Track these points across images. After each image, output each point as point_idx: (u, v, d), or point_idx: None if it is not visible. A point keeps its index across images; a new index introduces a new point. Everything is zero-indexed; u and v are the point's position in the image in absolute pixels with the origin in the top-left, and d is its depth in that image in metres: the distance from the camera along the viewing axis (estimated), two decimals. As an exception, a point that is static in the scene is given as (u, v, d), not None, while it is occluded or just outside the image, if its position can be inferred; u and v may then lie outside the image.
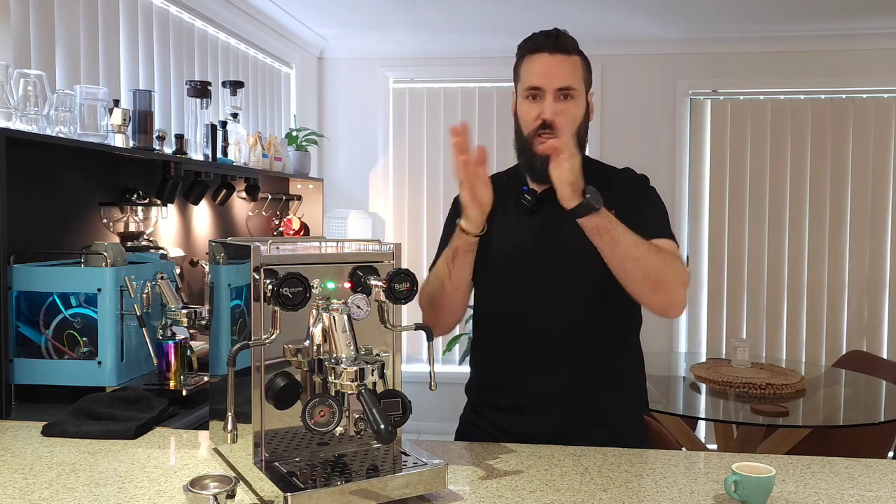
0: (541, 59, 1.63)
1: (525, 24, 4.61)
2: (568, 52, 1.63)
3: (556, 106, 1.61)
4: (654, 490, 1.34)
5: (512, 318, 1.69)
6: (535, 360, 1.66)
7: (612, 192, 1.63)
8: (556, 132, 1.57)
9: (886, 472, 1.45)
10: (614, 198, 1.63)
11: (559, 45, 1.63)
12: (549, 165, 1.49)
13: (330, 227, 4.45)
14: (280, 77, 4.40)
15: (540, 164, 1.58)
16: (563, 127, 1.58)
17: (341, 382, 1.23)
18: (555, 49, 1.63)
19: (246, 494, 1.29)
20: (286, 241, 1.47)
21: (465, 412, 1.83)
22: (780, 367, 3.24)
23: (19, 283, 1.94)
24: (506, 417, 1.70)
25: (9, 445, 1.57)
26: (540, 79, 1.62)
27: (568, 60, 1.63)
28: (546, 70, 1.62)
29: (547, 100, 1.62)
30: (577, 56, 1.65)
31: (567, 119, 1.61)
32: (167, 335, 2.02)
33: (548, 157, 1.51)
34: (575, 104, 1.63)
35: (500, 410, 1.72)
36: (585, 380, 1.66)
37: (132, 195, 2.65)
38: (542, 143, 1.58)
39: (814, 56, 4.53)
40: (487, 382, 1.77)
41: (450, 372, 4.56)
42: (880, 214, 4.57)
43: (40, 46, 2.38)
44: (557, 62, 1.62)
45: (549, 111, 1.60)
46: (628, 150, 4.64)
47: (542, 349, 1.65)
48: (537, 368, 1.66)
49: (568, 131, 1.56)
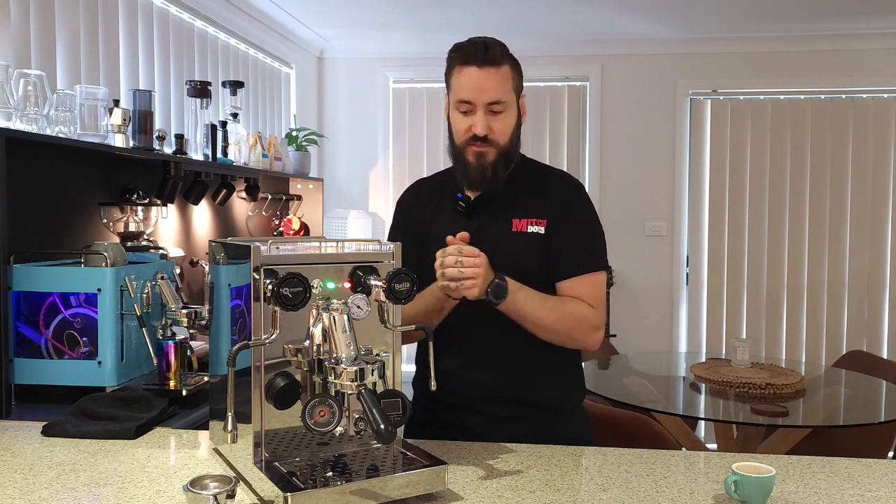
0: (470, 72, 1.65)
1: (524, 25, 4.58)
2: (497, 63, 1.65)
3: (487, 119, 1.66)
4: (654, 490, 1.34)
5: (449, 317, 1.70)
6: (472, 357, 1.71)
7: (546, 200, 1.72)
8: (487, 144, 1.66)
9: (886, 472, 1.45)
10: (547, 207, 1.71)
11: (488, 58, 1.64)
12: (473, 177, 1.68)
13: (330, 227, 4.45)
14: (280, 77, 4.40)
15: (472, 174, 1.70)
16: (497, 139, 1.67)
17: (341, 382, 1.23)
18: (484, 61, 1.64)
19: (246, 494, 1.29)
20: (286, 241, 1.47)
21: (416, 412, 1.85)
22: (780, 367, 3.24)
23: (19, 283, 1.94)
24: (451, 414, 1.73)
25: (9, 445, 1.57)
26: (470, 93, 1.65)
27: (497, 73, 1.65)
28: (476, 84, 1.65)
29: (478, 114, 1.66)
30: (507, 65, 1.67)
31: (498, 132, 1.67)
32: (167, 335, 2.02)
33: (480, 168, 1.67)
34: (505, 115, 1.68)
35: (446, 406, 1.74)
36: (517, 376, 1.70)
37: (132, 195, 2.65)
38: (471, 154, 1.68)
39: (814, 56, 4.53)
40: (438, 379, 1.80)
41: (450, 372, 4.57)
42: (880, 214, 4.57)
43: (40, 46, 2.38)
44: (487, 76, 1.64)
45: (480, 126, 1.66)
46: (628, 150, 4.64)
47: (477, 347, 1.70)
48: (473, 365, 1.71)
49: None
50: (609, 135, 4.69)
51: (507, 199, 1.73)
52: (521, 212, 1.71)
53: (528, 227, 1.70)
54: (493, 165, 1.68)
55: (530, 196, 1.74)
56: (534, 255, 1.69)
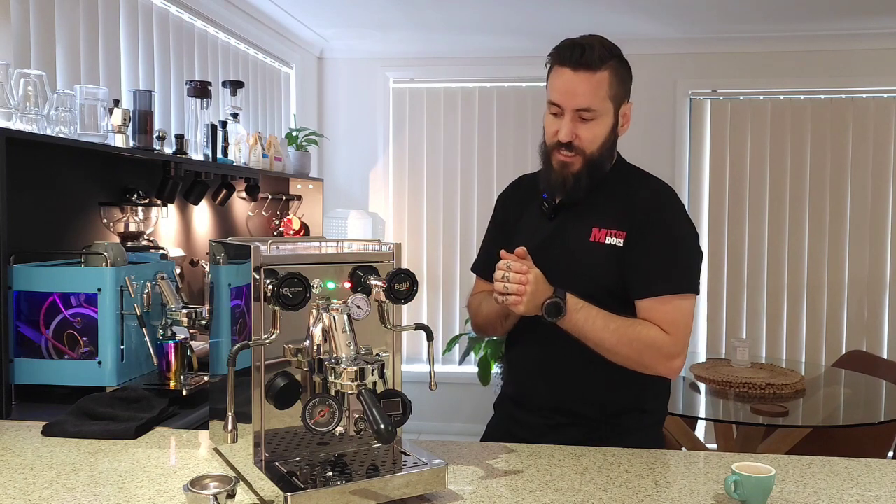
0: (563, 74, 1.59)
1: (525, 25, 4.58)
2: (592, 68, 1.57)
3: (575, 126, 1.60)
4: (654, 490, 1.34)
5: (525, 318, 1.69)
6: (539, 356, 1.71)
7: (629, 210, 1.64)
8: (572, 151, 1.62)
9: (886, 472, 1.45)
10: (629, 218, 1.63)
11: (583, 61, 1.57)
12: (558, 184, 1.63)
13: (330, 227, 4.45)
14: (280, 77, 4.40)
15: (552, 181, 1.65)
16: (584, 147, 1.62)
17: (341, 382, 1.23)
18: (578, 65, 1.57)
19: (246, 494, 1.29)
20: (286, 241, 1.47)
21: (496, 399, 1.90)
22: (780, 367, 3.24)
23: (19, 283, 1.94)
24: (513, 406, 1.76)
25: (9, 445, 1.57)
26: (560, 96, 1.60)
27: (592, 78, 1.57)
28: (567, 88, 1.59)
29: (565, 119, 1.60)
30: (607, 71, 1.59)
31: (585, 140, 1.61)
32: (167, 335, 2.02)
33: (562, 177, 1.62)
34: (596, 124, 1.61)
35: (510, 399, 1.78)
36: (580, 381, 1.67)
37: (132, 195, 2.64)
38: (557, 160, 1.64)
39: (814, 56, 4.52)
40: (506, 372, 1.86)
41: (450, 372, 4.56)
42: (880, 214, 4.57)
43: (40, 46, 2.38)
44: (579, 81, 1.57)
45: (566, 132, 1.60)
46: (628, 150, 4.59)
47: (545, 348, 1.68)
48: (538, 364, 1.71)
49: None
50: (609, 135, 4.67)
51: (591, 205, 1.66)
52: (603, 221, 1.64)
53: (606, 239, 1.62)
54: (576, 175, 1.62)
55: (615, 203, 1.66)
56: (609, 269, 1.62)
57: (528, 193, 1.79)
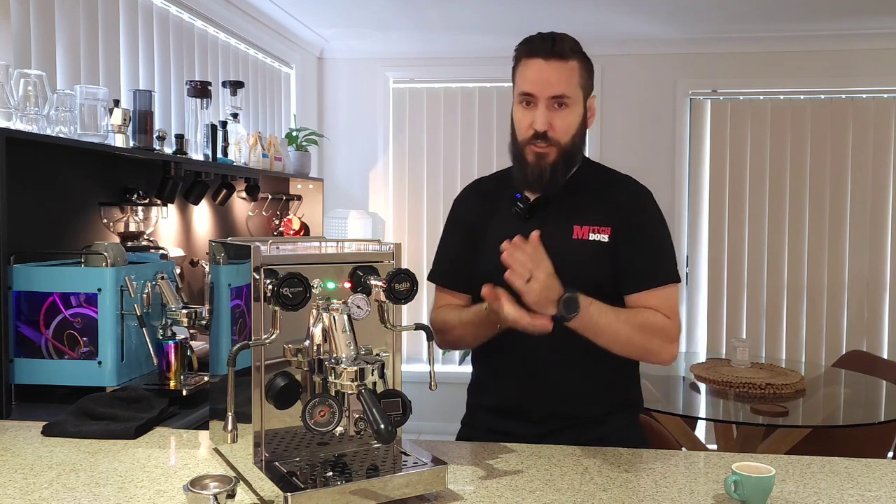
0: (535, 64, 1.59)
1: (525, 25, 4.61)
2: (564, 57, 1.59)
3: (549, 115, 1.59)
4: (654, 490, 1.34)
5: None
6: (525, 363, 1.66)
7: (611, 206, 1.64)
8: (548, 142, 1.60)
9: (886, 472, 1.45)
10: (613, 214, 1.63)
11: (555, 50, 1.58)
12: (535, 177, 1.60)
13: (330, 227, 4.45)
14: (280, 77, 4.40)
15: (529, 174, 1.62)
16: (558, 138, 1.60)
17: (341, 382, 1.23)
18: (550, 54, 1.58)
19: (246, 494, 1.29)
20: (286, 241, 1.47)
21: (465, 414, 1.83)
22: (780, 367, 3.24)
23: (19, 283, 1.94)
24: (495, 419, 1.71)
25: (9, 445, 1.57)
26: (533, 85, 1.59)
27: (564, 67, 1.59)
28: (540, 77, 1.59)
29: (539, 108, 1.59)
30: (576, 61, 1.60)
31: (559, 129, 1.60)
32: (167, 335, 2.02)
33: (539, 169, 1.59)
34: (569, 112, 1.60)
35: (490, 411, 1.73)
36: (572, 384, 1.66)
37: (132, 195, 2.65)
38: (531, 153, 1.61)
39: (814, 56, 4.52)
40: (482, 384, 1.79)
41: (450, 372, 4.56)
42: (880, 214, 4.57)
43: (40, 46, 2.38)
44: (552, 69, 1.58)
45: (541, 121, 1.59)
46: (628, 150, 4.63)
47: (532, 353, 1.64)
48: (527, 372, 1.67)
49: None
50: (609, 135, 4.68)
51: (569, 204, 1.66)
52: (583, 218, 1.64)
53: (589, 235, 1.62)
54: (553, 166, 1.61)
55: (594, 201, 1.66)
56: (596, 265, 1.62)
57: (492, 196, 1.75)
